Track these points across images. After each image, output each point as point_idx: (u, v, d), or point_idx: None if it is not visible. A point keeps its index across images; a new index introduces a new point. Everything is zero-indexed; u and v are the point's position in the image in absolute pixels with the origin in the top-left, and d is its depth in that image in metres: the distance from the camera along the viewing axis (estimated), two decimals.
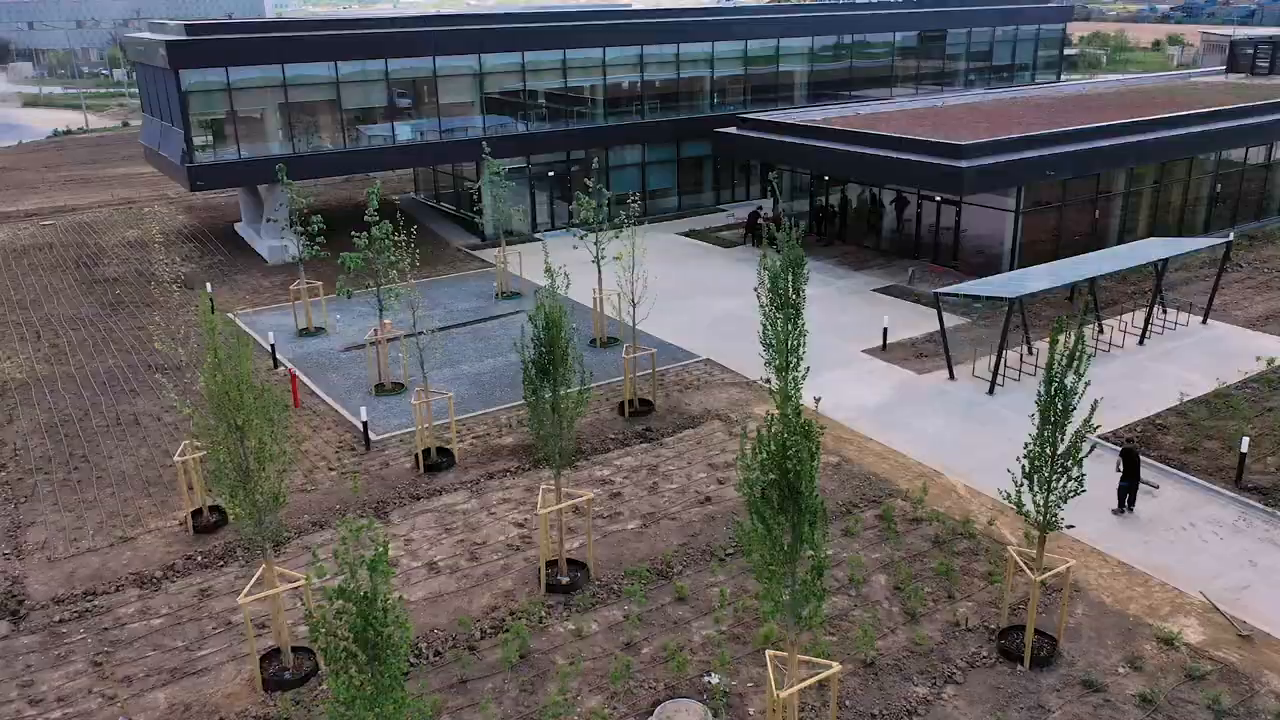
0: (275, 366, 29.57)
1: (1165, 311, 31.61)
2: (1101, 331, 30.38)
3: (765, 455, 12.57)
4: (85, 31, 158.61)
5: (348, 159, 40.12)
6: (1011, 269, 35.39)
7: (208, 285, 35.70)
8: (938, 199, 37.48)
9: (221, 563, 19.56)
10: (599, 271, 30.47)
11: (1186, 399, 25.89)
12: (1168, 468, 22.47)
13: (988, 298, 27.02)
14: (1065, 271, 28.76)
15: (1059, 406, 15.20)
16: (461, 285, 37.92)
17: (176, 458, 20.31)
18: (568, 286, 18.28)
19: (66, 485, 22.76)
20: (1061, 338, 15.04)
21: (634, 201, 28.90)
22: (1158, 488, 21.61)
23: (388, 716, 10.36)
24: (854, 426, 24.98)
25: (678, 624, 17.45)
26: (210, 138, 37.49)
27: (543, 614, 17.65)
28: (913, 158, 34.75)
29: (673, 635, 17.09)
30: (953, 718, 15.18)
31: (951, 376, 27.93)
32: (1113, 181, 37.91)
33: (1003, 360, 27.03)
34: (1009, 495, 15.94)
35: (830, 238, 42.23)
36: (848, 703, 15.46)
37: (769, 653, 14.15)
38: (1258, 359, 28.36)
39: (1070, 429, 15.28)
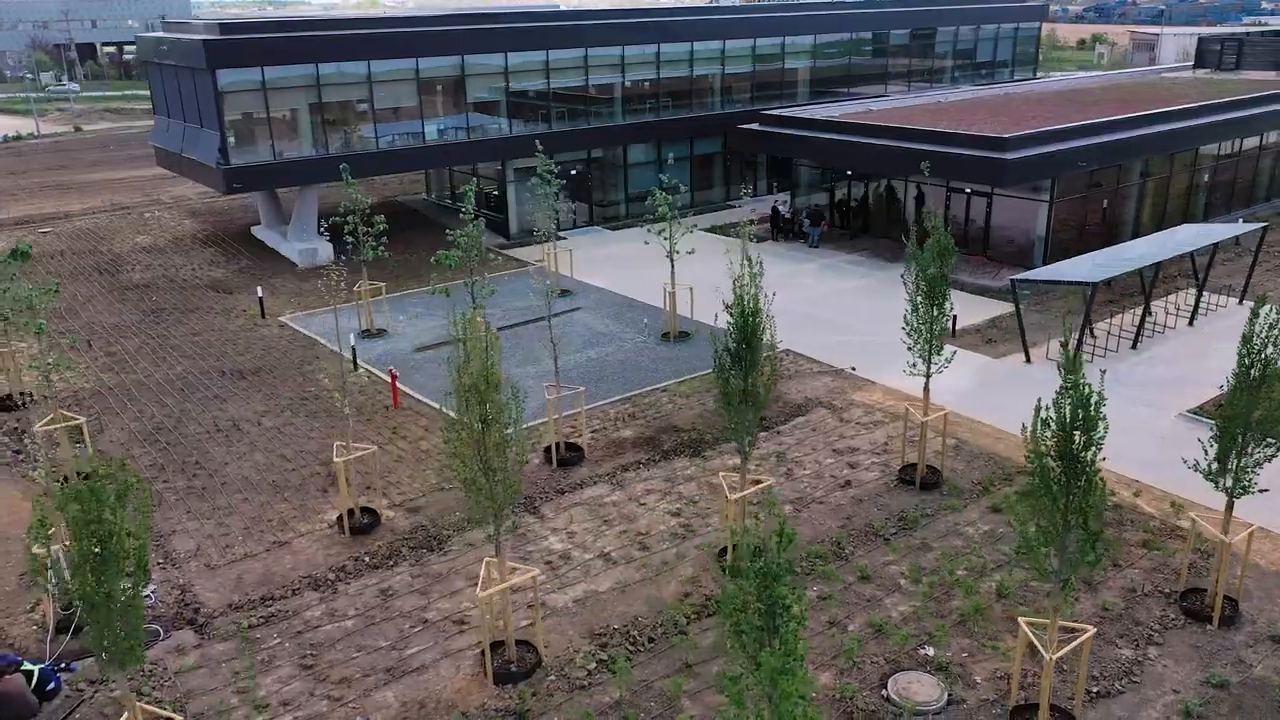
0: (355, 369, 29.19)
1: (1200, 293, 33.18)
2: (1150, 314, 31.76)
3: (1054, 428, 13.08)
4: (3, 33, 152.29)
5: (381, 159, 39.65)
6: (1044, 259, 36.78)
7: (259, 289, 34.96)
8: (968, 191, 38.66)
9: (391, 563, 19.40)
10: (672, 266, 30.88)
11: None
12: None
13: (1071, 282, 28.02)
14: (1128, 256, 30.01)
15: (1257, 374, 16.01)
16: (505, 284, 37.77)
17: (336, 459, 20.05)
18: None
19: (192, 493, 22.25)
20: (1264, 309, 15.88)
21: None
22: None
23: (787, 692, 10.57)
24: (952, 410, 25.75)
25: (871, 601, 17.92)
26: (245, 139, 36.72)
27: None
28: (955, 151, 35.82)
29: (873, 612, 17.57)
30: (1166, 675, 15.94)
31: (1028, 360, 28.94)
32: (1134, 171, 39.54)
33: (1085, 342, 28.12)
34: (1196, 464, 16.75)
35: (855, 231, 43.15)
36: (1064, 665, 16.10)
37: (1022, 620, 14.71)
38: None
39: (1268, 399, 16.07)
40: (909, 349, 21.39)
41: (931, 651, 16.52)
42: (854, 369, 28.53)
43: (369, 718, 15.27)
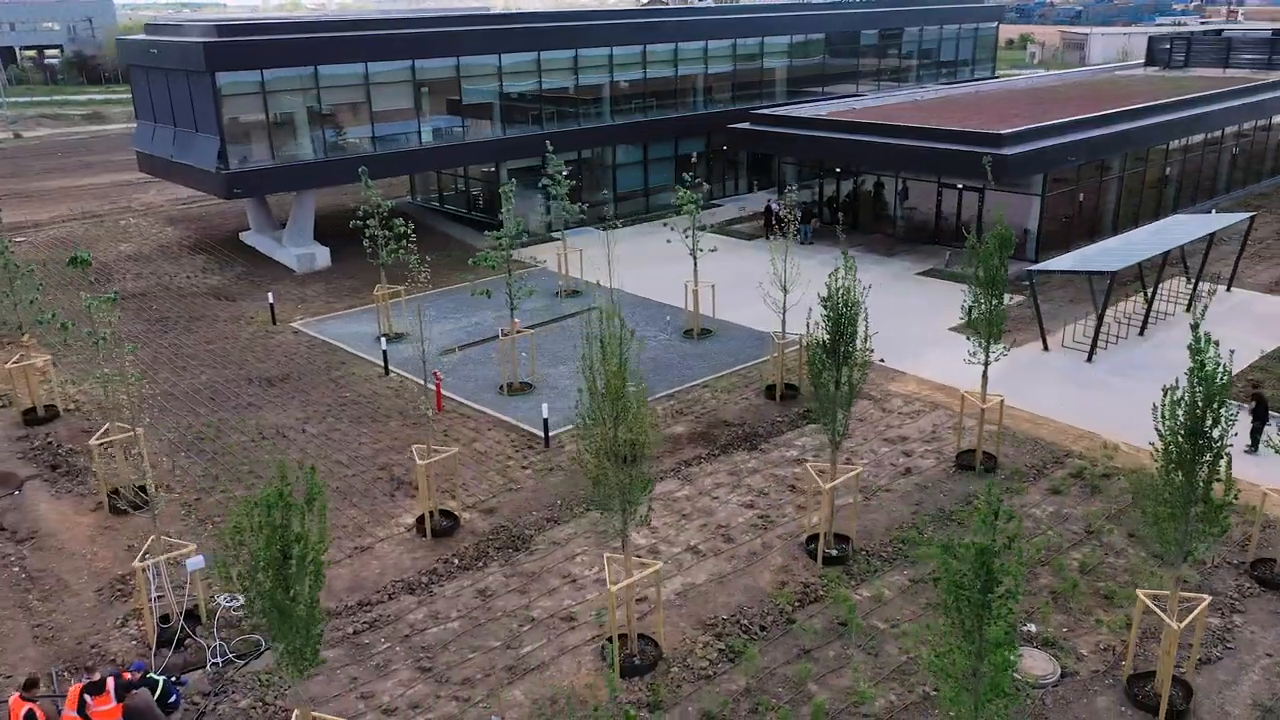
0: (386, 373, 28.93)
1: (1189, 281, 34.66)
2: (1149, 300, 33.07)
3: (1186, 408, 13.72)
4: None
5: (379, 162, 39.17)
6: (1036, 251, 38.03)
7: (269, 296, 34.35)
8: (959, 186, 39.74)
9: (480, 564, 19.39)
10: (695, 263, 31.23)
11: (1265, 354, 28.70)
12: None
13: (1092, 272, 29.05)
14: (1133, 246, 31.21)
15: None
16: (496, 286, 37.61)
17: (420, 461, 19.94)
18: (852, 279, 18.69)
19: (231, 500, 21.84)
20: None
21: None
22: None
23: (998, 665, 10.97)
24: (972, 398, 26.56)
25: None
26: (244, 143, 36.06)
27: (833, 583, 18.39)
28: (953, 147, 36.82)
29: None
30: (1257, 641, 16.80)
31: (1045, 348, 29.95)
32: (1115, 165, 41.03)
33: (1101, 330, 29.19)
34: (1269, 440, 17.67)
35: (848, 228, 43.90)
36: (1155, 636, 16.84)
37: (1141, 592, 15.38)
38: None
39: None
40: (968, 338, 22.08)
41: (1034, 628, 17.14)
42: (882, 360, 29.15)
43: (503, 717, 15.31)
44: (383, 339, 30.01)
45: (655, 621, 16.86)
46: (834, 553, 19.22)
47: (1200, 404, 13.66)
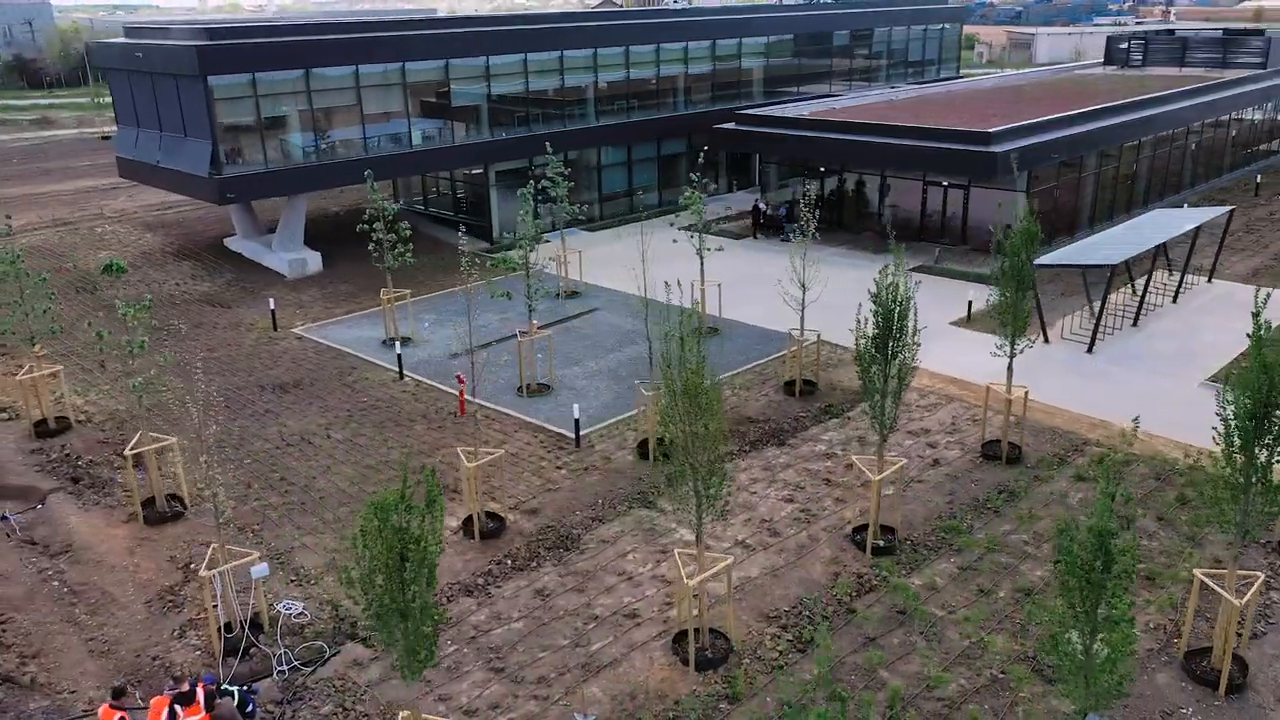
0: (401, 377, 28.80)
1: (1171, 273, 35.81)
2: (1135, 292, 34.11)
3: (1250, 393, 14.33)
4: None
5: (371, 165, 38.91)
6: None
7: (271, 301, 33.95)
8: (944, 184, 40.56)
9: (533, 564, 19.48)
10: (701, 263, 31.49)
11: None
12: None
13: (1092, 265, 29.89)
14: (1128, 239, 32.16)
15: None
16: (510, 287, 37.56)
17: (469, 464, 19.96)
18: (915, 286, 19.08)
19: (292, 508, 21.74)
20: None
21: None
22: None
23: (1115, 642, 11.39)
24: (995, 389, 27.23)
25: (1008, 568, 19.00)
26: (237, 148, 35.60)
27: (887, 573, 18.80)
28: (943, 145, 37.59)
29: (1015, 578, 18.64)
30: None
31: (1046, 340, 30.73)
32: (1092, 161, 42.17)
33: (1101, 322, 30.06)
34: None
35: (831, 226, 44.55)
36: (1203, 613, 17.52)
37: (1198, 571, 15.98)
38: None
39: None
40: (996, 331, 22.67)
41: None
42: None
43: (589, 713, 15.45)
44: (397, 343, 29.82)
45: (725, 615, 17.10)
46: (881, 543, 19.64)
47: (1264, 391, 14.25)
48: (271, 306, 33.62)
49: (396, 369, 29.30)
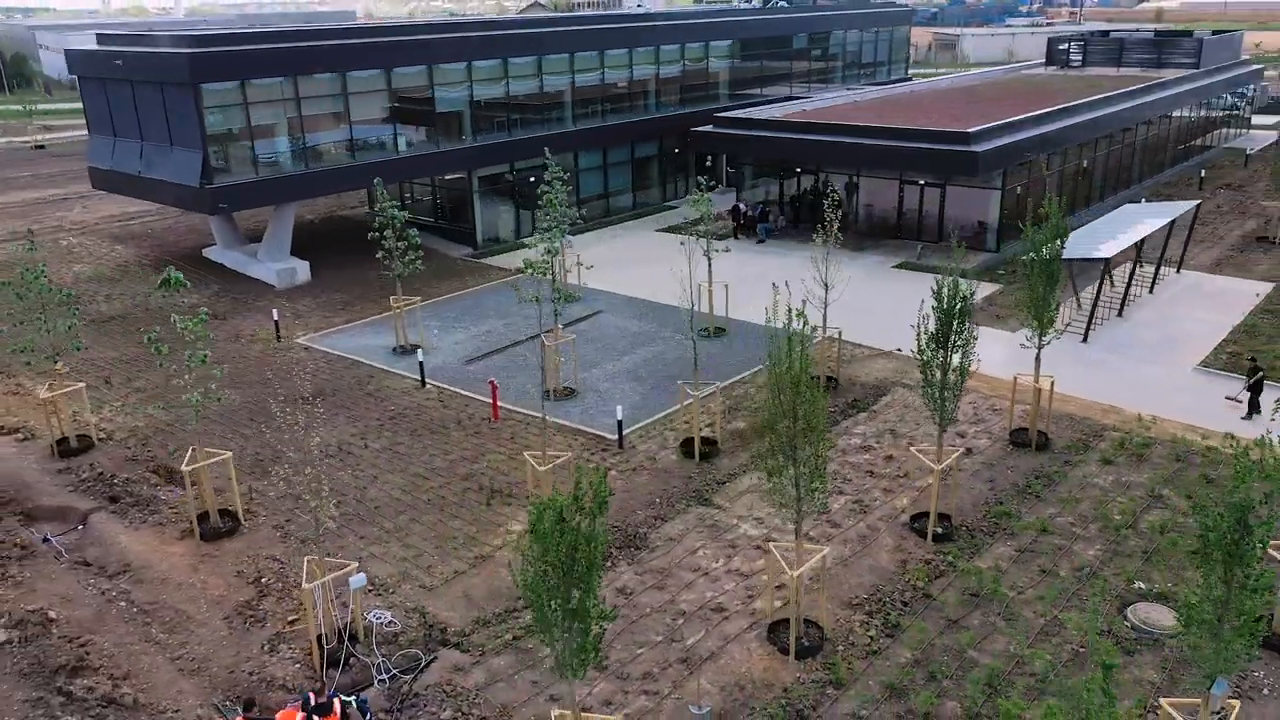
0: (423, 385, 28.75)
1: (1140, 265, 37.57)
2: (1114, 285, 35.72)
3: None
4: None
5: (359, 173, 38.69)
6: (998, 243, 40.51)
7: (274, 312, 33.47)
8: (921, 183, 41.83)
9: (608, 564, 19.77)
10: (709, 264, 32.00)
11: (1233, 328, 31.54)
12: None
13: (1087, 259, 31.23)
14: (1109, 233, 33.67)
15: None
16: (501, 293, 37.67)
17: (542, 468, 20.17)
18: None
19: (350, 518, 21.67)
20: None
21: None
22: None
23: (1248, 610, 12.22)
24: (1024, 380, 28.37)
25: (1061, 549, 19.95)
26: (228, 156, 35.03)
27: (953, 558, 19.60)
28: (925, 145, 38.81)
29: (1071, 558, 19.60)
30: None
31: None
32: (1059, 158, 43.90)
33: (1096, 312, 31.46)
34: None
35: (808, 226, 45.55)
36: None
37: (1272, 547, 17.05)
38: (1256, 295, 34.68)
39: None
40: (1024, 324, 23.70)
41: (1142, 585, 18.72)
42: (900, 350, 30.68)
43: (703, 705, 15.86)
44: (419, 351, 29.72)
45: (817, 604, 17.66)
46: (940, 530, 20.44)
47: None
48: (275, 317, 33.17)
49: (414, 377, 29.25)
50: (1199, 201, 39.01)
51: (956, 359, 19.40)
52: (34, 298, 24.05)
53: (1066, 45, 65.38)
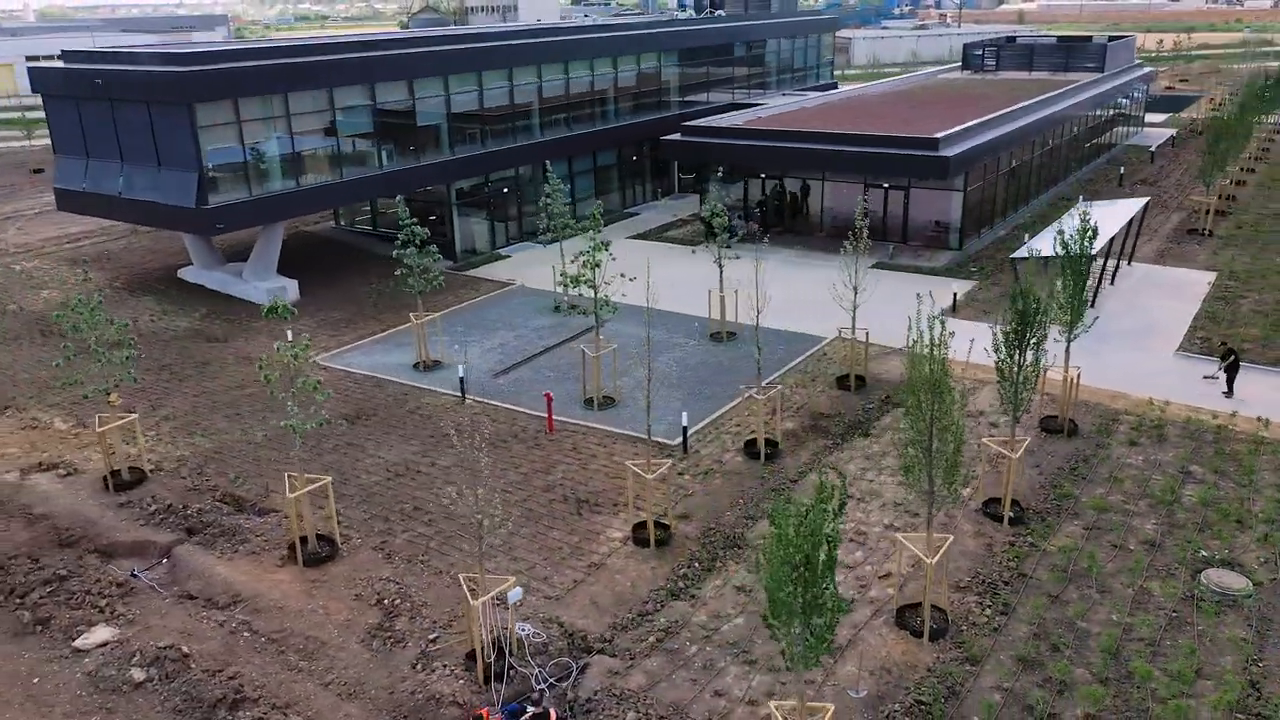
0: (463, 400, 28.98)
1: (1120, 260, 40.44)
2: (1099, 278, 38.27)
3: None
4: None
5: (345, 190, 38.39)
6: (960, 241, 42.88)
7: (288, 334, 32.91)
8: (885, 186, 43.89)
9: (718, 564, 20.69)
10: (720, 272, 33.11)
11: (1198, 315, 34.42)
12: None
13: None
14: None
15: None
16: (501, 305, 38.01)
17: (649, 476, 20.89)
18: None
19: (448, 537, 21.93)
20: None
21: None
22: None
23: None
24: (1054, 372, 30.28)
25: (1123, 526, 21.80)
26: (222, 176, 34.33)
27: (1033, 540, 21.22)
28: (894, 151, 40.82)
29: (1133, 533, 21.46)
30: None
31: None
32: (1008, 158, 46.64)
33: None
34: None
35: (779, 230, 47.17)
36: None
37: None
38: (1208, 284, 37.79)
39: None
40: (1055, 321, 25.57)
41: (1205, 553, 20.70)
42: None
43: (859, 688, 16.97)
44: (460, 367, 29.90)
45: (940, 590, 18.95)
46: (1012, 514, 22.05)
47: None
48: (289, 337, 32.67)
49: (449, 393, 29.48)
50: (1148, 199, 42.13)
51: (1030, 356, 21.05)
52: (86, 330, 23.40)
53: (981, 51, 69.01)
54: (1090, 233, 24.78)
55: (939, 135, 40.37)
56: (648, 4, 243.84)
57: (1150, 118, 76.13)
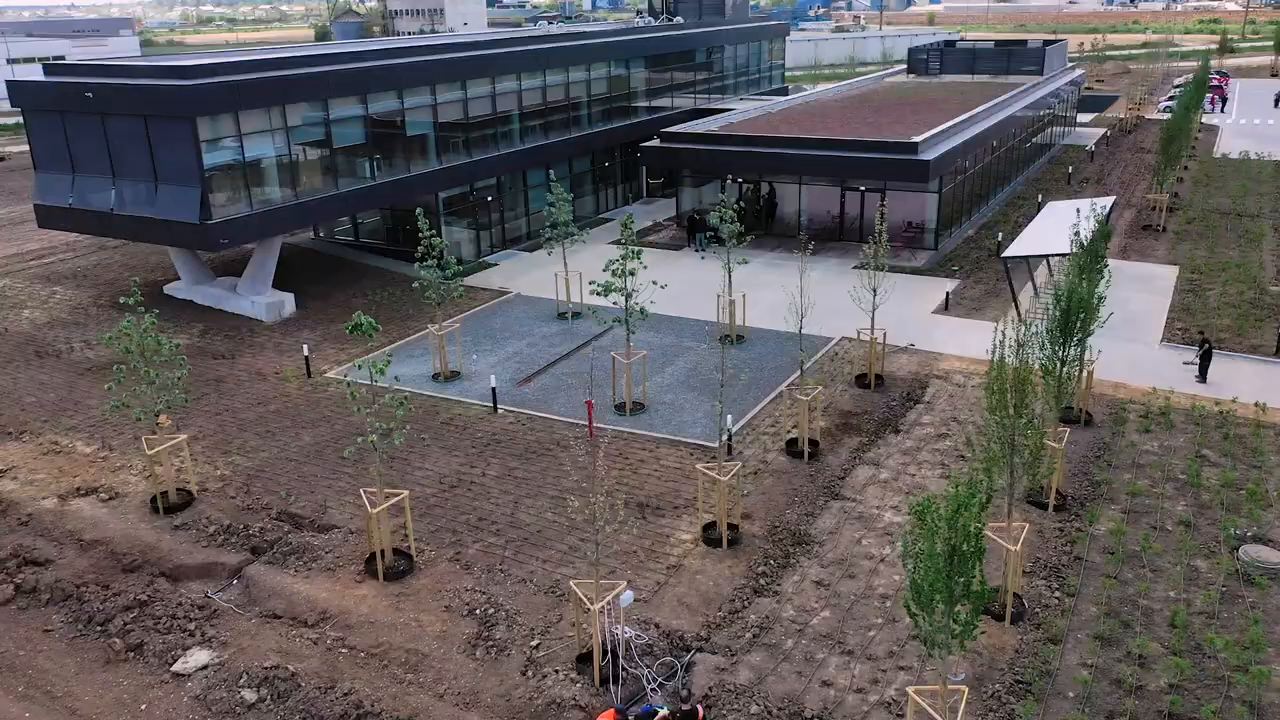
0: (495, 410, 29.19)
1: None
2: (1053, 274, 40.21)
3: None
4: None
5: (341, 202, 38.12)
6: (936, 240, 44.52)
7: (305, 348, 32.68)
8: (862, 188, 45.27)
9: (792, 561, 21.45)
10: (729, 276, 33.89)
11: (1172, 307, 36.48)
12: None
13: (1057, 254, 35.13)
14: (1055, 230, 37.88)
15: None
16: (502, 314, 38.17)
17: (725, 479, 21.52)
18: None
19: (520, 545, 22.25)
20: None
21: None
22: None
23: None
24: None
25: (1158, 509, 23.23)
26: (222, 190, 33.85)
27: (1079, 528, 22.49)
28: (873, 155, 42.18)
29: (1168, 515, 22.89)
30: None
31: (1021, 320, 35.87)
32: (977, 160, 48.47)
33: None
34: None
35: (760, 232, 48.14)
36: None
37: None
38: (1174, 278, 39.97)
39: None
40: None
41: (1235, 530, 22.22)
42: (913, 345, 33.65)
43: (958, 673, 17.91)
44: (492, 377, 30.06)
45: (1017, 579, 20.01)
46: (1054, 503, 23.30)
47: None
48: (306, 352, 32.50)
49: (478, 403, 29.68)
50: (1115, 198, 44.28)
51: (1073, 351, 22.35)
52: (138, 354, 23.06)
53: (925, 55, 71.30)
54: (1108, 233, 26.21)
55: (918, 139, 41.85)
56: (564, 9, 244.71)
57: (1083, 117, 79.54)
